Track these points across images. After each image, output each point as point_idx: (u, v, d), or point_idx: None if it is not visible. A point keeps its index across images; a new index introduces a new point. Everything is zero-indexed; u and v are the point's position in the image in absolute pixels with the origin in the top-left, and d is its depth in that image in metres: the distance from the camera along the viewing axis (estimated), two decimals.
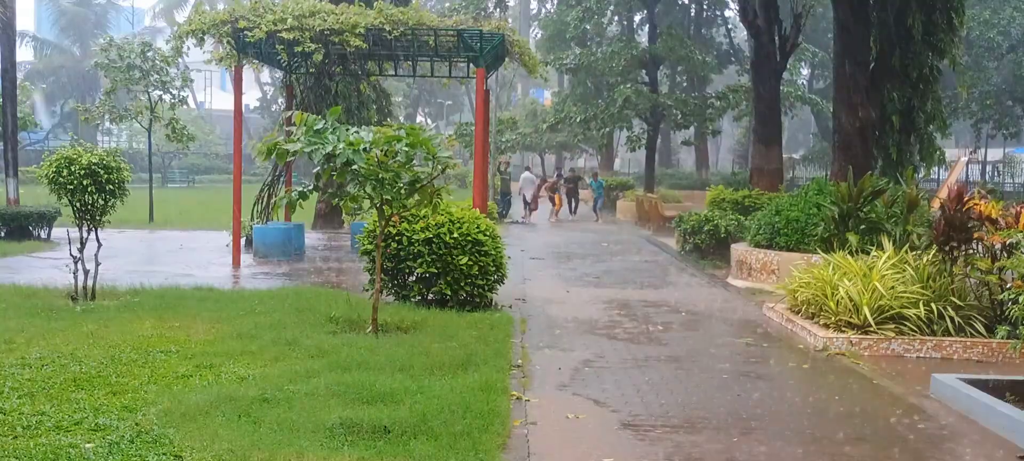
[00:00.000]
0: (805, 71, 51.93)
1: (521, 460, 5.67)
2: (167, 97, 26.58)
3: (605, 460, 5.75)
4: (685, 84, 46.03)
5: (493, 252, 11.39)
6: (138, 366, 7.67)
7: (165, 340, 8.74)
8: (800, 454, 6.00)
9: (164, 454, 5.37)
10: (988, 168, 53.05)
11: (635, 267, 17.84)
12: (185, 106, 28.73)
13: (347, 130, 9.19)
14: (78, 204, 11.12)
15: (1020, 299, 7.63)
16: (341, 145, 8.73)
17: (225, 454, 5.38)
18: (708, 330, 10.93)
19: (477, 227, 11.38)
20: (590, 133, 39.82)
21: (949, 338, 9.30)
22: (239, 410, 6.29)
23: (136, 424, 5.94)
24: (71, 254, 10.89)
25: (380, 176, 9.00)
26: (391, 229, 10.72)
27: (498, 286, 11.75)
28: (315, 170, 9.28)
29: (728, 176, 40.77)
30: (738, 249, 15.89)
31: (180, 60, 22.82)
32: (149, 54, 25.94)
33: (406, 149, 8.94)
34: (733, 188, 25.14)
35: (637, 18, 49.50)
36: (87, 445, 5.46)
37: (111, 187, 11.16)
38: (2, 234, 19.83)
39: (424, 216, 11.00)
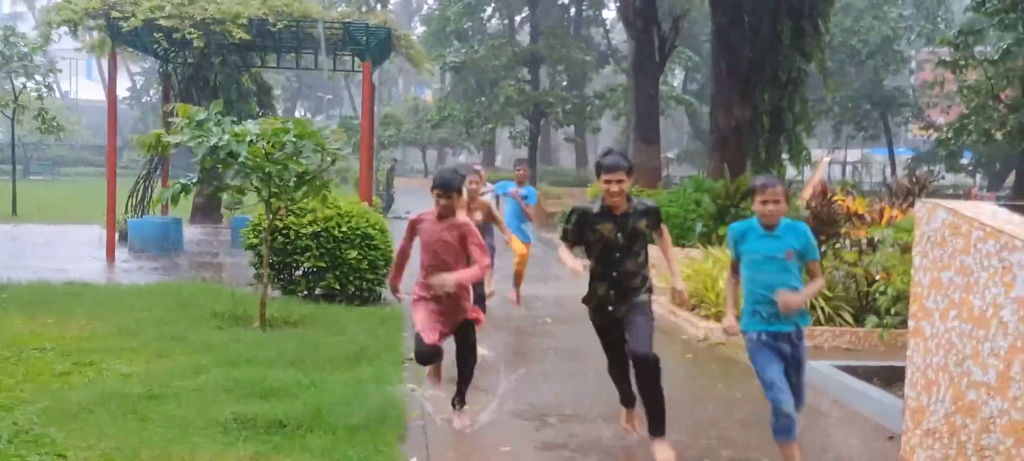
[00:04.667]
0: (680, 74, 53.44)
1: (419, 450, 5.70)
2: (31, 85, 25.32)
3: (502, 447, 5.85)
4: (566, 83, 46.74)
5: (382, 246, 11.35)
6: (11, 364, 7.33)
7: (38, 337, 8.36)
8: (687, 439, 6.24)
9: (46, 453, 5.16)
10: (848, 168, 55.84)
11: None
12: (52, 94, 27.42)
13: (231, 122, 9.01)
14: None
15: (887, 290, 8.10)
16: (226, 137, 8.55)
17: (112, 452, 5.22)
18: (574, 327, 11.14)
19: (366, 221, 11.32)
20: (473, 131, 39.99)
21: (820, 328, 9.78)
22: (125, 407, 6.10)
23: (14, 423, 5.68)
24: None
25: (267, 169, 8.85)
26: (278, 223, 10.55)
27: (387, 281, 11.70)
28: (196, 161, 9.05)
29: None
30: None
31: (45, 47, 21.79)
32: (12, 40, 24.66)
33: (294, 141, 8.83)
34: None
35: (518, 18, 49.94)
36: None
37: None
38: None
39: (312, 210, 10.88)
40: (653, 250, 5.82)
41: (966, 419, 5.16)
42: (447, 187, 6.03)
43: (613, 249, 5.59)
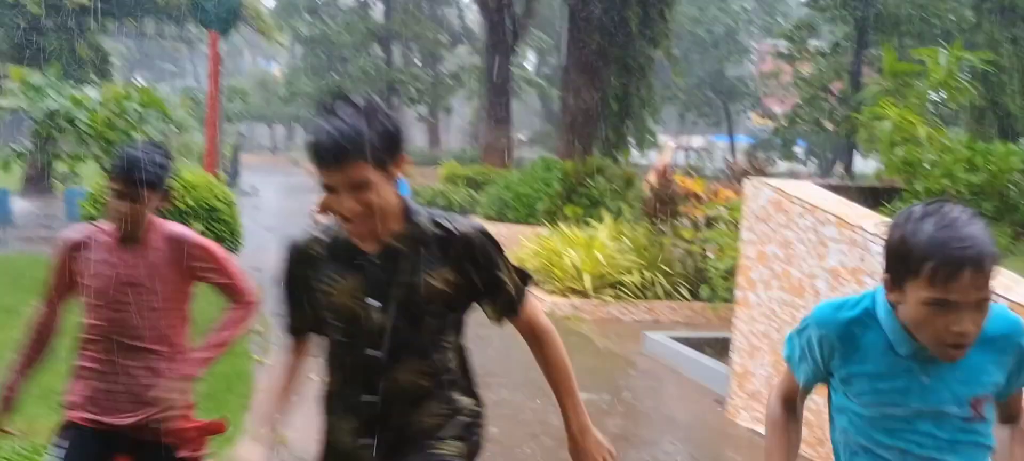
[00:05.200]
0: (533, 57, 54.18)
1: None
2: None
3: None
4: (419, 62, 46.62)
5: (229, 219, 11.12)
6: None
7: None
8: (535, 405, 6.49)
9: None
10: (692, 154, 58.11)
11: None
12: None
13: (69, 87, 8.67)
14: None
15: (719, 264, 8.60)
16: (65, 102, 8.22)
17: None
18: None
19: (212, 193, 11.07)
20: None
21: (659, 302, 10.27)
22: None
23: None
24: None
25: (108, 137, 8.57)
26: None
27: (233, 254, 11.49)
28: (30, 128, 8.67)
29: (459, 153, 41.84)
30: None
31: None
32: None
33: (138, 109, 8.58)
34: (464, 164, 25.92)
35: None
36: None
37: None
38: None
39: None
40: None
41: None
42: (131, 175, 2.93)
43: (363, 338, 2.32)
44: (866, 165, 19.81)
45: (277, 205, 26.16)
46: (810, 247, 5.44)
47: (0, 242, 14.06)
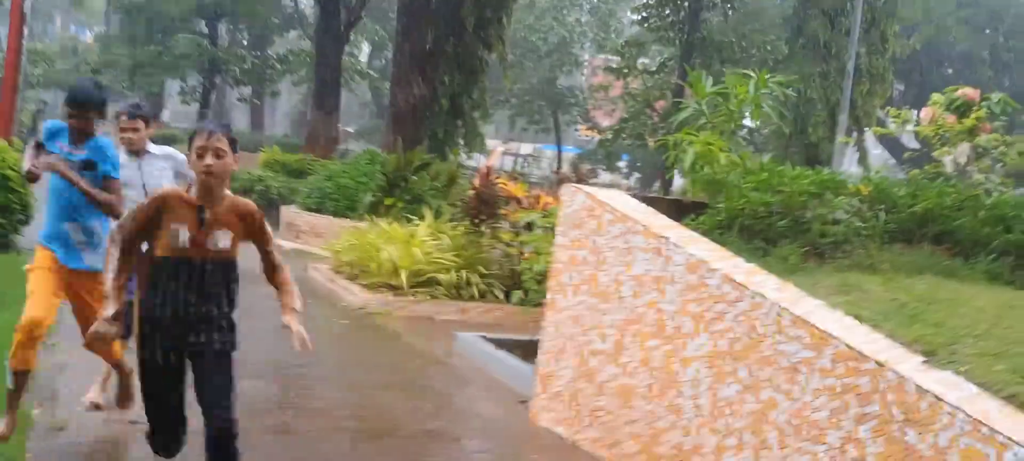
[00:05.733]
0: (367, 48, 53.48)
1: (44, 401, 5.32)
2: None
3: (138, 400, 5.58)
4: (247, 42, 45.06)
5: (20, 189, 10.35)
6: None
7: None
8: (338, 398, 6.34)
9: None
10: (520, 160, 58.97)
11: None
12: None
13: None
14: None
15: (534, 268, 8.70)
16: None
17: None
18: (251, 286, 10.88)
19: (2, 160, 10.27)
20: (138, 79, 37.42)
21: (473, 302, 10.28)
22: None
23: None
24: None
25: None
26: None
27: (23, 227, 10.70)
28: None
29: (282, 139, 40.77)
30: (288, 211, 16.08)
31: None
32: None
33: None
34: (287, 151, 25.23)
35: None
36: None
37: None
38: None
39: None
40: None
41: (585, 383, 5.70)
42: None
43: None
44: (683, 182, 20.72)
45: None
46: (618, 253, 5.56)
47: None
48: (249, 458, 4.88)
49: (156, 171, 5.63)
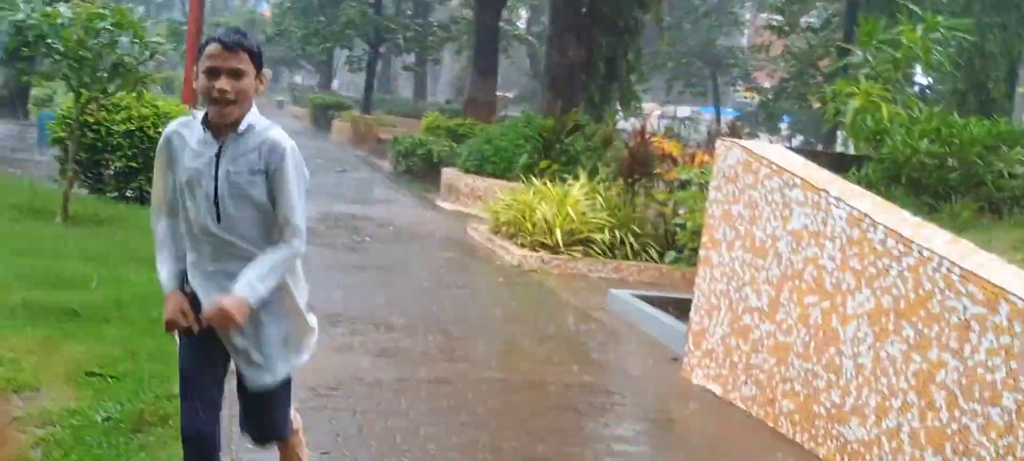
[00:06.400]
0: (524, 14, 53.72)
1: None
2: None
3: None
4: (410, 11, 46.11)
5: None
6: None
7: None
8: (491, 350, 6.47)
9: None
10: (677, 123, 57.98)
11: (347, 184, 17.89)
12: None
13: (42, 1, 8.49)
14: None
15: (687, 226, 8.58)
16: (35, 15, 8.05)
17: None
18: (413, 245, 11.29)
19: None
20: (310, 50, 38.94)
21: (627, 262, 10.24)
22: None
23: None
24: None
25: (80, 54, 8.40)
26: (89, 118, 10.03)
27: None
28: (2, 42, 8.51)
29: (444, 105, 41.57)
30: (448, 174, 16.40)
31: None
32: None
33: (110, 29, 8.40)
34: (448, 116, 25.72)
35: None
36: None
37: None
38: None
39: (127, 107, 10.40)
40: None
41: (739, 341, 5.59)
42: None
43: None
44: (849, 147, 19.87)
45: None
46: (775, 208, 5.41)
47: None
48: (404, 404, 5.10)
49: None
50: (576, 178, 11.77)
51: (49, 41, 8.19)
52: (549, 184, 11.54)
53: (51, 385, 4.55)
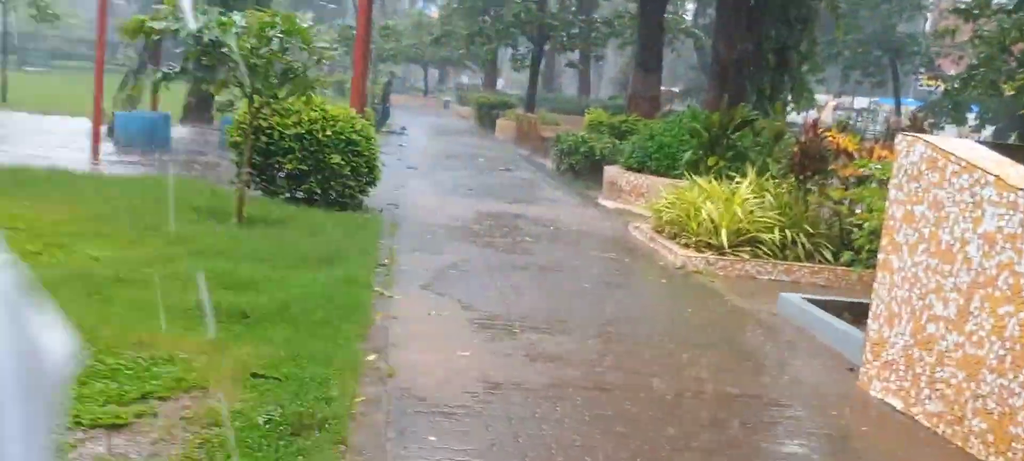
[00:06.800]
0: (691, 6, 52.70)
1: (379, 349, 5.70)
2: None
3: (460, 353, 5.84)
4: (574, 7, 46.08)
5: (366, 153, 11.26)
6: None
7: (13, 217, 8.32)
8: (653, 355, 6.25)
9: None
10: (854, 115, 55.42)
11: (509, 182, 17.98)
12: None
13: (218, 12, 8.87)
14: None
15: (864, 226, 8.05)
16: (212, 24, 8.41)
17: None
18: (574, 244, 11.16)
19: (352, 127, 11.22)
20: (475, 49, 39.51)
21: (799, 263, 9.76)
22: (90, 288, 6.08)
23: None
24: None
25: (252, 62, 8.73)
26: (262, 122, 10.43)
27: (370, 188, 11.66)
28: (182, 51, 8.94)
29: (607, 102, 41.27)
30: (610, 171, 16.18)
31: None
32: None
33: (280, 36, 8.69)
34: (611, 112, 25.45)
35: None
36: None
37: None
38: None
39: (297, 111, 10.77)
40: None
41: (923, 352, 5.15)
42: None
43: None
44: None
45: (422, 146, 26.52)
46: (964, 209, 4.94)
47: (157, 163, 14.77)
48: (561, 412, 4.96)
49: None
50: (744, 175, 11.33)
51: (224, 49, 8.53)
52: (715, 182, 11.15)
53: (219, 386, 4.67)
